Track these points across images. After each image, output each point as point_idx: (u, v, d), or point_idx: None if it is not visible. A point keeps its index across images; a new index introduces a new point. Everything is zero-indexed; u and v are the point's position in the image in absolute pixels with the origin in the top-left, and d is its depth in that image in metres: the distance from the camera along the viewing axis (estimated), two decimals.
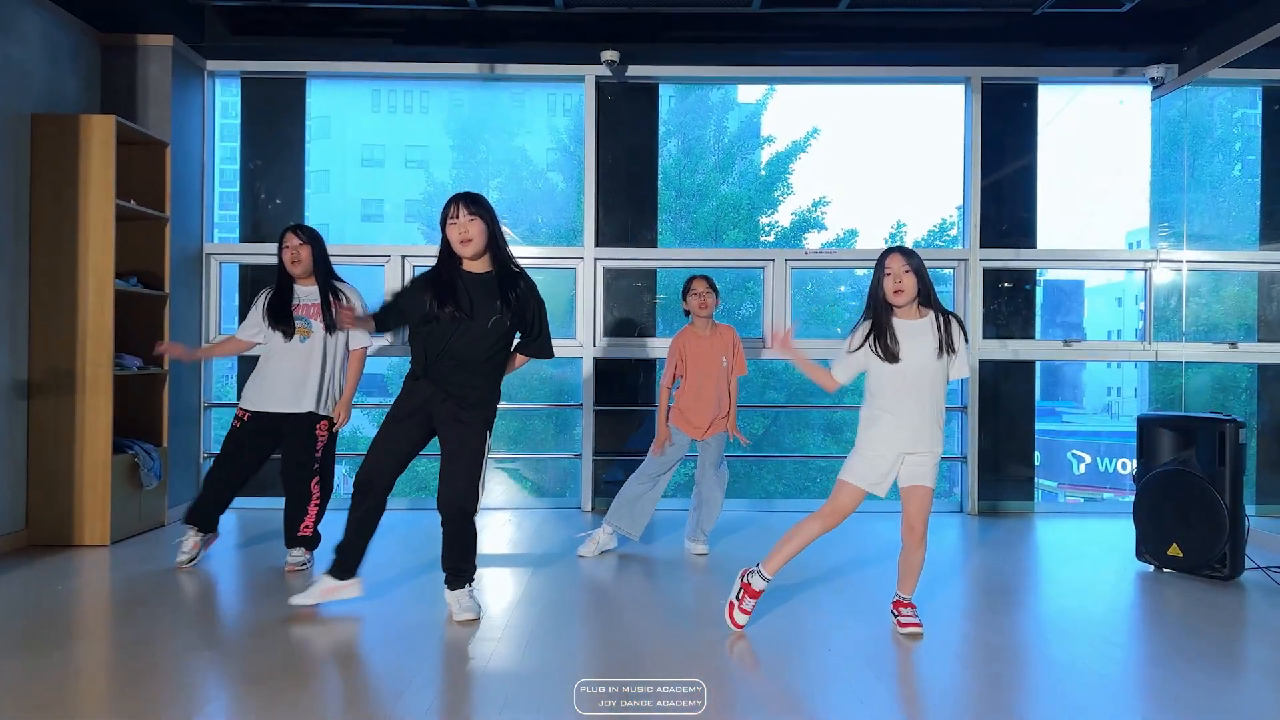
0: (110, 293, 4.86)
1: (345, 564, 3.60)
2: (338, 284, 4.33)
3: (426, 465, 12.86)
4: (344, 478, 7.91)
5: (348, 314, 3.59)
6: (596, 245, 6.05)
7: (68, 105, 5.12)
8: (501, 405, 3.64)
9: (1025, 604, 4.04)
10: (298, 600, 3.60)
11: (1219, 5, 5.48)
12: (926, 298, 3.30)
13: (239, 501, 5.39)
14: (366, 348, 4.43)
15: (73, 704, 2.75)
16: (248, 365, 6.13)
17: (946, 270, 6.15)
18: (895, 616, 3.42)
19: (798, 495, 10.12)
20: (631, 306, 6.14)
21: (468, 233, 3.39)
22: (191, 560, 4.36)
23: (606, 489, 6.07)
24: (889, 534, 5.41)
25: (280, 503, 4.44)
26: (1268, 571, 4.28)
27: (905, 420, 3.23)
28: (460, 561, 3.54)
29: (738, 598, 3.42)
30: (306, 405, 4.23)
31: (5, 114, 4.65)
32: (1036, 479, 5.87)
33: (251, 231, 6.07)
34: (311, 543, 4.41)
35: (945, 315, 3.32)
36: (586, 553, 4.66)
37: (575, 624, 3.60)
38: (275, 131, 6.12)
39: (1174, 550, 4.31)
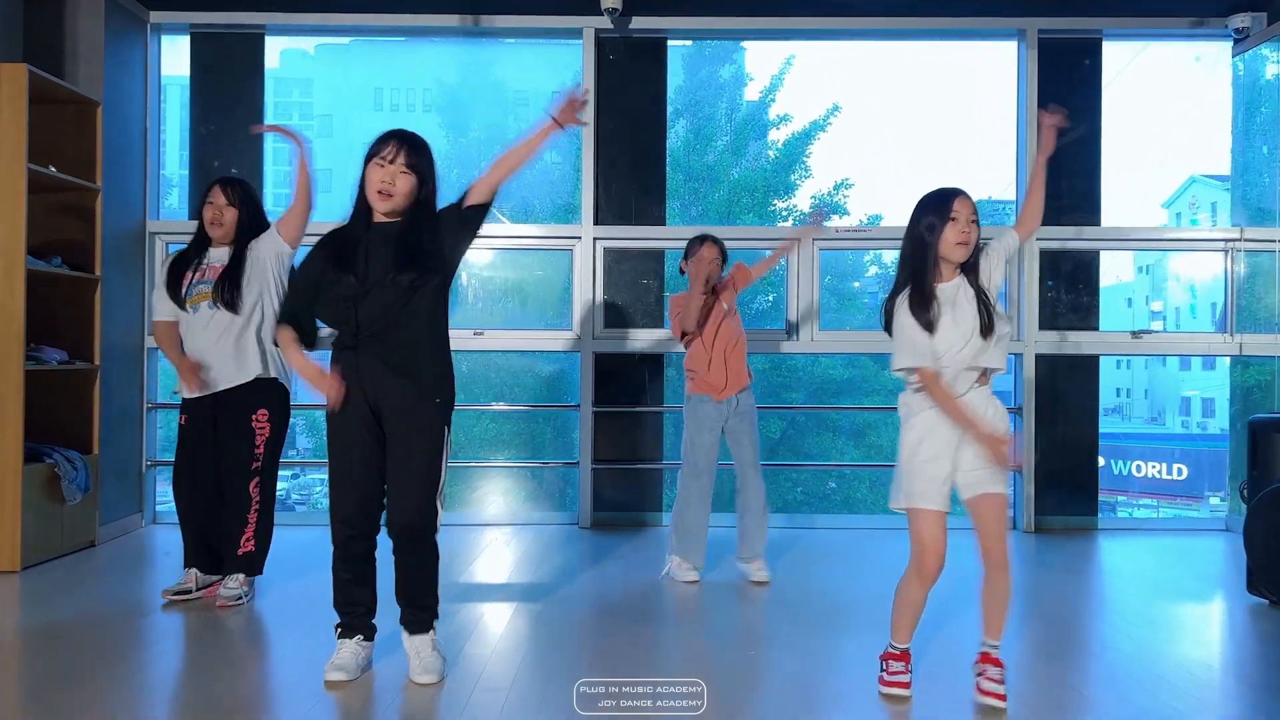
0: (21, 273, 4.14)
1: (370, 622, 2.86)
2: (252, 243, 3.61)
3: None
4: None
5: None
6: (596, 223, 5.31)
7: None
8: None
9: (1101, 650, 3.28)
10: (337, 675, 2.74)
11: None
12: (974, 268, 2.63)
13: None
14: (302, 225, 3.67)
15: None
16: None
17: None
18: (976, 676, 2.63)
19: (822, 508, 9.36)
20: (636, 293, 5.40)
21: (392, 185, 2.66)
22: (180, 594, 3.58)
23: (609, 503, 5.32)
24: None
25: None
26: None
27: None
28: (419, 596, 2.80)
29: (883, 669, 2.71)
30: (237, 379, 3.53)
31: None
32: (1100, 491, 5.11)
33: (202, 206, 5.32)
34: (253, 565, 3.59)
35: (975, 283, 2.62)
36: (690, 578, 3.99)
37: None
38: (230, 93, 5.38)
39: None
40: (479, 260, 6.21)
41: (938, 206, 2.59)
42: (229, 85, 5.40)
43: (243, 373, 3.53)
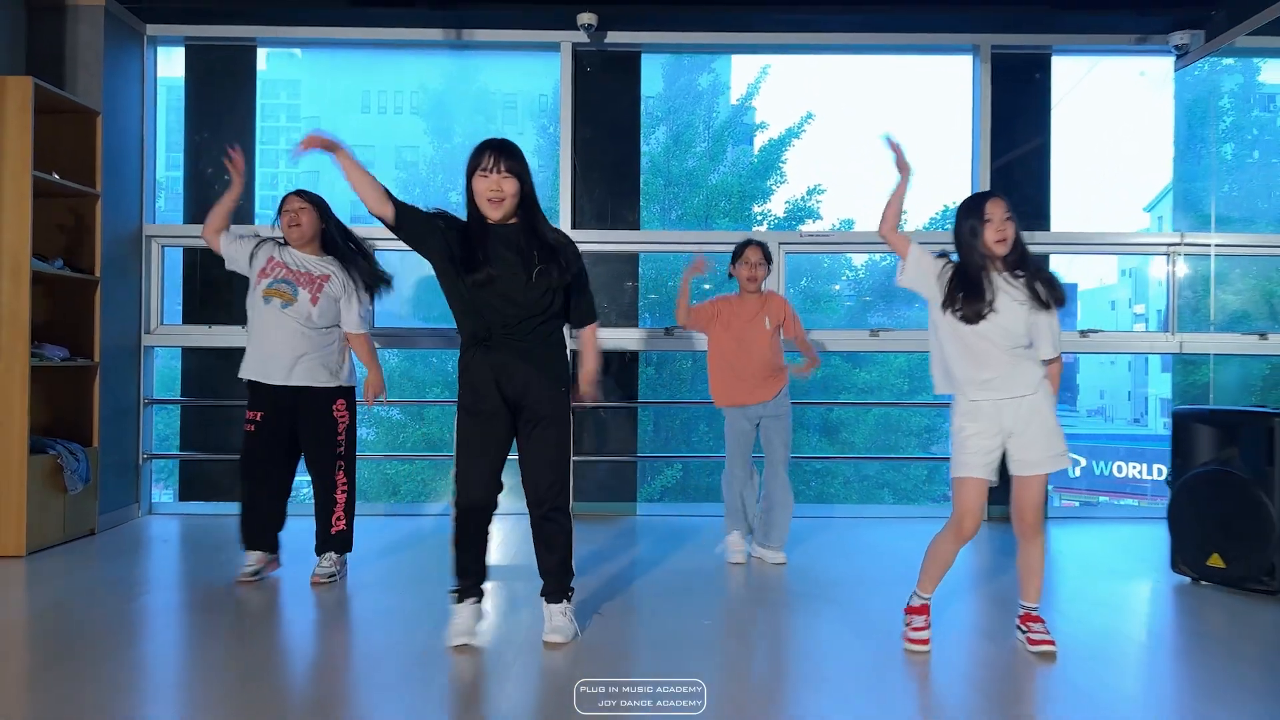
0: (26, 275, 4.37)
1: (479, 584, 3.14)
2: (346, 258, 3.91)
3: (397, 465, 12.45)
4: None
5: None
6: (574, 227, 5.56)
7: None
8: None
9: (1045, 621, 3.55)
10: (461, 640, 3.04)
11: None
12: (1022, 257, 2.93)
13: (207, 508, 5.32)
14: (367, 337, 3.95)
15: None
16: (192, 360, 5.66)
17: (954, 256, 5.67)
18: (1024, 633, 3.03)
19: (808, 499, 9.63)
20: (613, 294, 5.66)
21: (500, 190, 2.89)
22: (256, 574, 3.85)
23: (590, 492, 5.58)
24: (886, 542, 4.95)
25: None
26: None
27: (995, 383, 2.89)
28: (557, 568, 3.13)
29: (906, 625, 3.07)
30: (317, 380, 3.80)
31: None
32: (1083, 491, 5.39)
33: (198, 212, 5.54)
34: (344, 543, 3.90)
35: (1038, 275, 2.95)
36: (737, 560, 4.27)
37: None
38: (223, 102, 5.63)
39: (1215, 560, 3.84)
40: None
41: (969, 211, 2.92)
42: (222, 95, 5.64)
43: (328, 376, 3.82)
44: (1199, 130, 5.77)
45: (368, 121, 29.70)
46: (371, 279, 3.95)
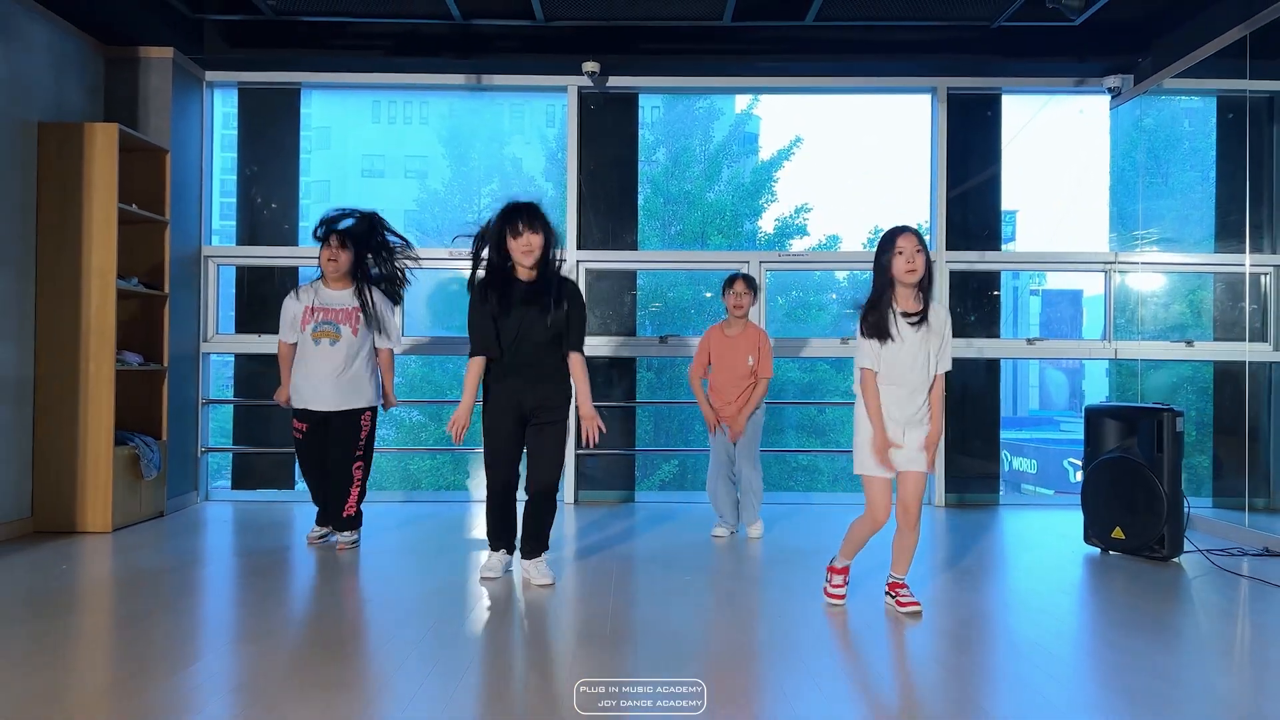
0: (112, 292, 5.11)
1: (510, 542, 4.07)
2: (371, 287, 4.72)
3: (420, 460, 13.19)
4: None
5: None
6: (579, 248, 6.30)
7: (73, 114, 5.38)
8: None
9: (984, 587, 4.21)
10: (489, 574, 4.03)
11: (1170, 17, 5.76)
12: (928, 284, 3.40)
13: (256, 494, 6.20)
14: (392, 350, 4.79)
15: (75, 664, 3.00)
16: (243, 365, 6.40)
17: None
18: (893, 597, 3.54)
19: (784, 487, 10.37)
20: (613, 306, 6.39)
21: (531, 245, 3.72)
22: (322, 537, 4.81)
23: (589, 483, 6.30)
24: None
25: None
26: (1206, 554, 4.52)
27: (896, 398, 3.40)
28: (541, 531, 3.97)
29: (827, 581, 3.66)
30: (351, 404, 4.62)
31: (14, 122, 4.91)
32: (1016, 482, 6.09)
33: (248, 235, 6.33)
34: (356, 522, 4.73)
35: (931, 306, 3.44)
36: (722, 533, 5.05)
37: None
38: (271, 139, 6.39)
39: (1117, 533, 4.55)
40: None
41: (886, 243, 3.38)
42: (270, 132, 6.40)
43: (359, 399, 4.64)
44: (1132, 159, 6.50)
45: (378, 131, 30.29)
46: (390, 283, 4.79)
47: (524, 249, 3.72)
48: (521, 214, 3.73)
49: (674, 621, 3.46)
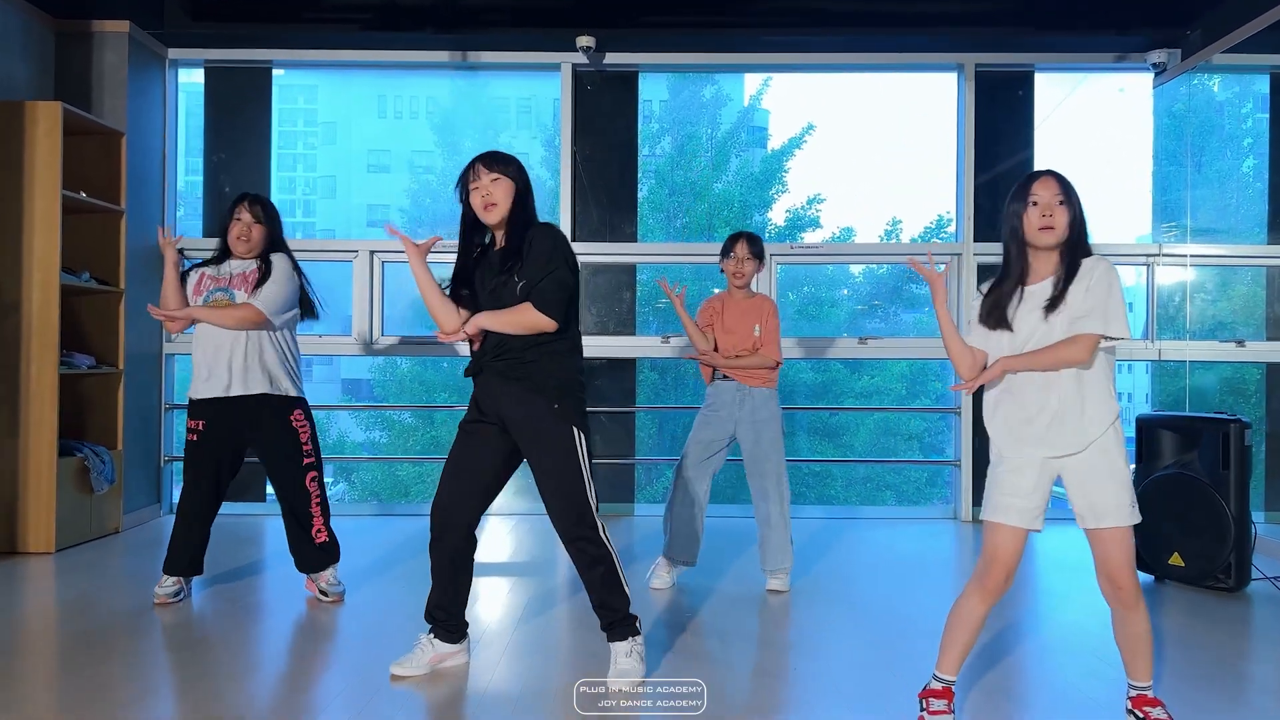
0: (56, 287, 4.64)
1: (449, 624, 2.92)
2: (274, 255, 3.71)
3: (409, 467, 12.73)
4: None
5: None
6: (574, 240, 5.81)
7: (18, 93, 4.91)
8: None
9: (1016, 618, 3.75)
10: (400, 671, 2.86)
11: None
12: (1079, 249, 2.38)
13: (224, 507, 4.21)
14: (265, 316, 3.60)
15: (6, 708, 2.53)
16: None
17: (940, 264, 5.87)
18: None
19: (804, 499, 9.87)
20: (611, 304, 5.90)
21: (491, 194, 2.76)
22: (176, 595, 3.71)
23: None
24: (884, 539, 5.16)
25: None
26: (1275, 582, 4.01)
27: (1031, 410, 2.39)
28: (606, 596, 2.80)
29: (923, 708, 2.51)
30: (256, 387, 3.62)
31: None
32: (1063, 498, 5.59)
33: (216, 227, 5.83)
34: (332, 552, 3.78)
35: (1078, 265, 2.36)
36: (660, 585, 3.97)
37: (576, 623, 3.45)
38: (241, 122, 5.91)
39: (1175, 559, 4.04)
40: None
41: (1019, 192, 2.40)
42: (239, 115, 5.92)
43: (273, 387, 3.64)
44: (1179, 143, 5.97)
45: (383, 126, 29.98)
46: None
47: (483, 200, 2.75)
48: (480, 158, 2.83)
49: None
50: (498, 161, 2.83)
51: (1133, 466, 4.38)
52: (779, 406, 4.01)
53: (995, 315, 2.43)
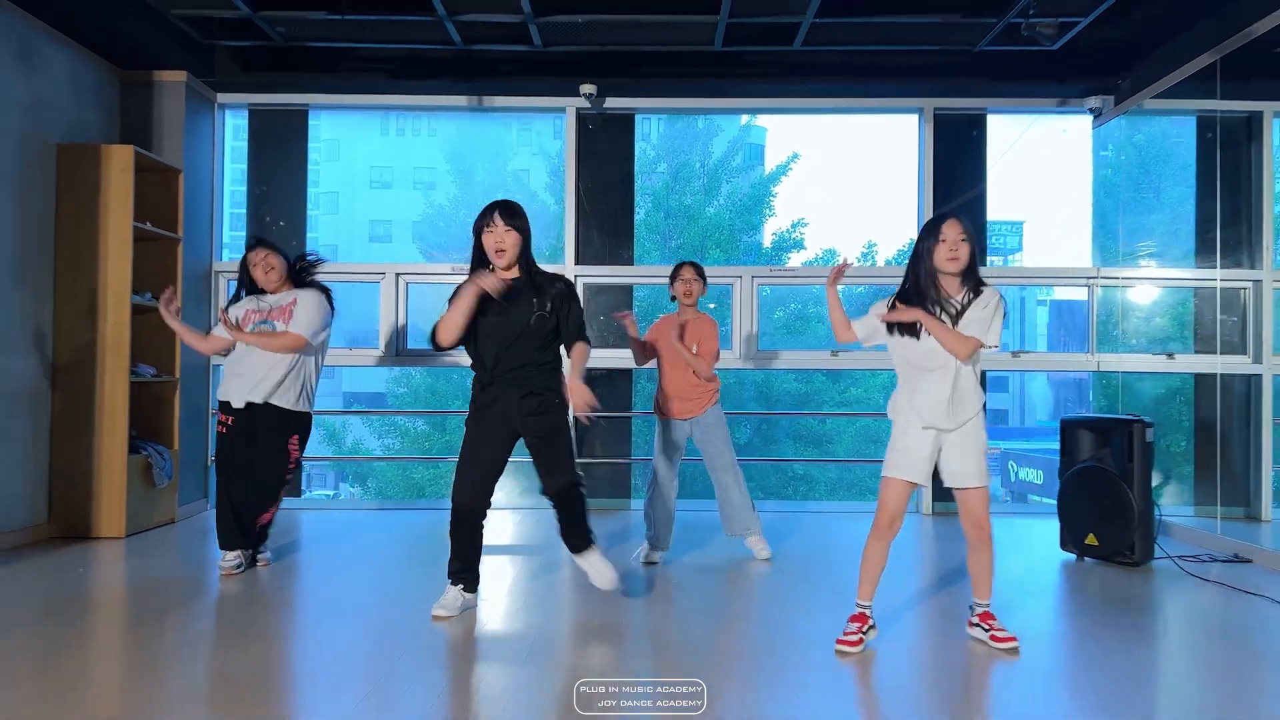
0: (127, 307, 5.33)
1: (467, 577, 3.67)
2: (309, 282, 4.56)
3: (423, 469, 13.40)
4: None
5: None
6: (577, 263, 6.50)
7: (90, 135, 5.61)
8: None
9: (961, 592, 4.24)
10: (440, 612, 3.57)
11: (1147, 41, 5.94)
12: (972, 274, 3.15)
13: None
14: (305, 339, 4.36)
15: (88, 662, 3.19)
16: None
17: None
18: (986, 630, 3.28)
19: (777, 495, 10.55)
20: (609, 320, 6.58)
21: (503, 243, 3.52)
22: (238, 568, 4.42)
23: (591, 490, 6.47)
24: (857, 530, 5.82)
25: None
26: (1176, 560, 4.69)
27: (929, 398, 3.14)
28: (574, 522, 3.64)
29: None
30: (289, 403, 4.40)
31: (34, 143, 5.14)
32: (1024, 493, 6.27)
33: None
34: (264, 536, 4.62)
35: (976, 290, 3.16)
36: (647, 562, 4.67)
37: (576, 624, 3.65)
38: (280, 158, 6.62)
39: (1091, 540, 4.72)
40: None
41: (930, 231, 3.13)
42: (279, 151, 6.63)
43: (286, 399, 4.40)
44: (1115, 176, 6.69)
45: (386, 143, 30.61)
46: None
47: (495, 245, 3.51)
48: (497, 206, 3.56)
49: (675, 621, 3.56)
50: (514, 215, 3.60)
51: (1056, 460, 5.07)
52: (722, 411, 4.78)
53: (906, 327, 3.21)
